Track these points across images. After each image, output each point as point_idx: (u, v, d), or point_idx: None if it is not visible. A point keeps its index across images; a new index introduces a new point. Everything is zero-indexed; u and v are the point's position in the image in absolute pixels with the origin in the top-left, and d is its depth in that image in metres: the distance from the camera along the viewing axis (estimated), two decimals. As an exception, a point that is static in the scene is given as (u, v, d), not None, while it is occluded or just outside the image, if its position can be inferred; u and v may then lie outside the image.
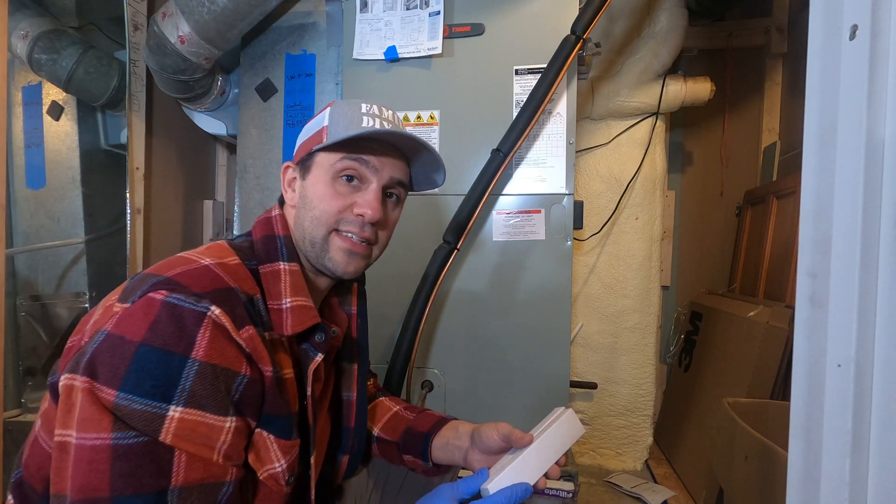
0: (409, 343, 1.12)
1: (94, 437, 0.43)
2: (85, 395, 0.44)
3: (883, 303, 0.44)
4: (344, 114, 0.62)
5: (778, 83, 1.96)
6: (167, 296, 0.47)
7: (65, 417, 0.45)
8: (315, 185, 0.62)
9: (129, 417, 0.43)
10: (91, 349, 0.45)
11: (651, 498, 1.49)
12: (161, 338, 0.45)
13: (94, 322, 0.50)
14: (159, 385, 0.44)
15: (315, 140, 0.63)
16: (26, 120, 1.66)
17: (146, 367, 0.44)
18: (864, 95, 0.44)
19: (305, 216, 0.62)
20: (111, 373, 0.44)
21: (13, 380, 1.61)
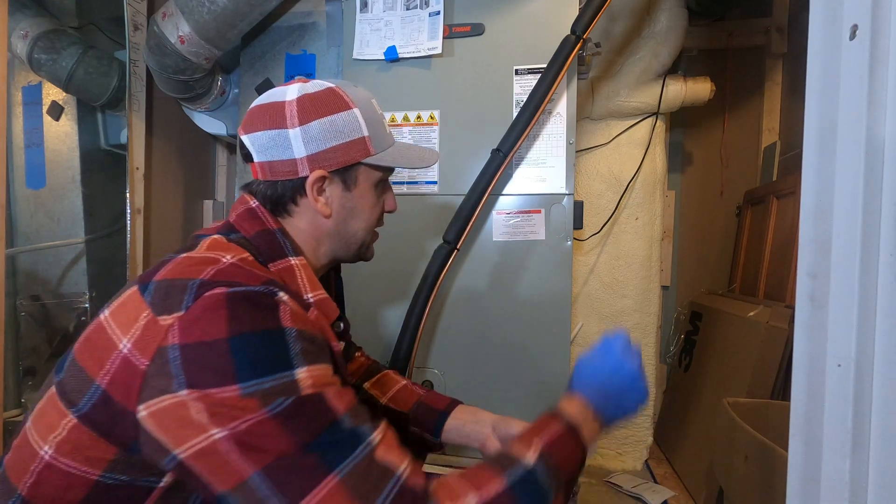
0: (409, 343, 1.12)
1: (246, 419, 0.44)
2: (204, 402, 0.44)
3: (883, 303, 0.44)
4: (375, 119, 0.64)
5: (778, 83, 1.96)
6: (228, 290, 0.47)
7: (186, 430, 0.44)
8: (364, 197, 0.66)
9: (266, 395, 0.44)
10: (176, 365, 0.44)
11: (651, 498, 1.49)
12: (245, 324, 0.46)
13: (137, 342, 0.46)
14: (276, 359, 0.46)
15: (358, 150, 0.62)
16: (26, 120, 1.66)
17: (250, 352, 0.45)
18: (864, 95, 0.44)
19: (358, 226, 0.67)
20: (219, 375, 0.44)
21: (13, 380, 1.60)
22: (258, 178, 0.62)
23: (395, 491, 0.45)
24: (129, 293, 0.51)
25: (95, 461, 0.47)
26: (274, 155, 0.60)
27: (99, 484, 0.47)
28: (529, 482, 0.50)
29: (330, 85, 0.62)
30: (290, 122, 0.59)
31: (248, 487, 0.44)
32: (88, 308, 1.63)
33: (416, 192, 1.22)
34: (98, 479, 0.47)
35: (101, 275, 1.67)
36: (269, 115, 0.59)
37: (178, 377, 0.44)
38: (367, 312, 1.22)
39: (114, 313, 0.50)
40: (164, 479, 0.48)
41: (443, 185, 1.21)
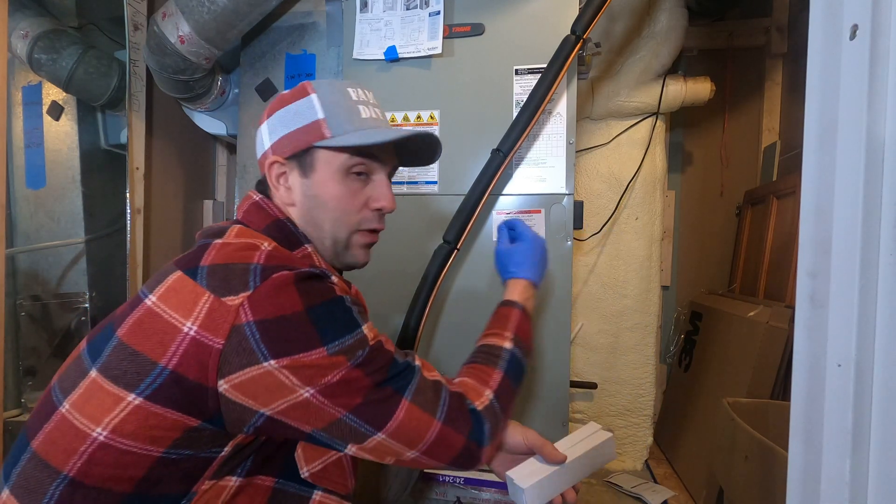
0: (409, 343, 1.12)
1: (335, 373, 0.52)
2: (294, 366, 0.50)
3: (883, 303, 0.44)
4: (339, 102, 0.62)
5: (778, 83, 1.96)
6: (295, 272, 0.52)
7: (274, 393, 0.50)
8: (325, 185, 0.63)
9: (348, 350, 0.53)
10: (256, 340, 0.49)
11: (651, 498, 1.49)
12: (316, 297, 0.53)
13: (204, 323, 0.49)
14: (347, 322, 0.54)
15: (311, 134, 0.61)
16: (26, 120, 1.66)
17: (328, 318, 0.52)
18: (864, 95, 0.44)
19: (324, 217, 0.64)
20: (304, 341, 0.51)
21: (13, 380, 1.60)
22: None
23: (446, 398, 0.58)
24: (175, 278, 0.53)
25: (160, 439, 0.49)
26: (258, 151, 0.66)
27: (162, 459, 0.50)
28: (513, 363, 0.68)
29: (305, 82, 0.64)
30: (264, 117, 0.65)
31: (341, 424, 0.53)
32: (88, 308, 1.63)
33: (416, 192, 1.22)
34: (161, 455, 0.50)
35: (101, 275, 1.67)
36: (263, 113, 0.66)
37: (261, 350, 0.49)
38: (368, 312, 1.22)
39: (164, 298, 0.52)
40: (224, 449, 0.52)
41: (443, 185, 1.21)
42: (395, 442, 0.55)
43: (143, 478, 0.49)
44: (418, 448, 0.56)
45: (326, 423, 0.52)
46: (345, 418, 0.52)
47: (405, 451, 0.56)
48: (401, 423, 0.54)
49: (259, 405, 0.50)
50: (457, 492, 1.14)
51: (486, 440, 0.60)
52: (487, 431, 0.60)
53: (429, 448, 0.56)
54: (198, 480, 0.52)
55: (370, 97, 0.66)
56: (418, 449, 0.56)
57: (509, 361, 0.67)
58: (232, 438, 0.52)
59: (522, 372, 0.69)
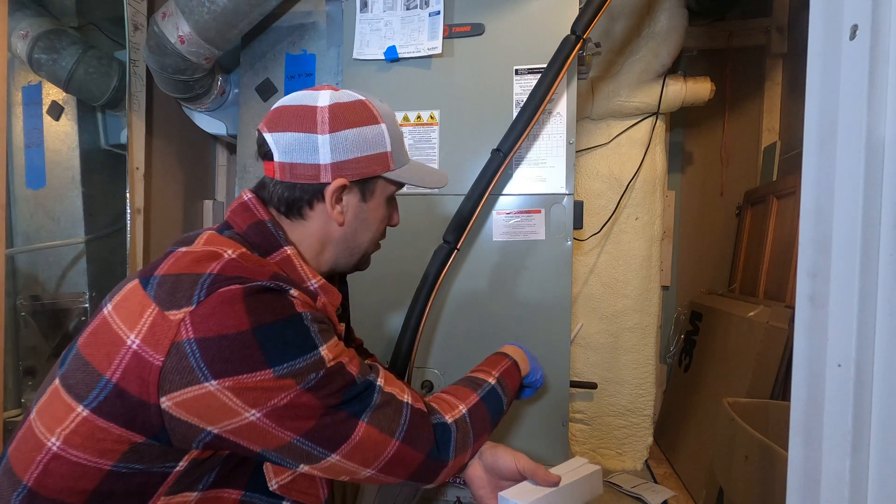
0: (409, 343, 1.12)
1: (283, 396, 0.49)
2: (237, 387, 0.48)
3: (883, 303, 0.44)
4: (396, 137, 0.66)
5: (778, 83, 1.96)
6: (244, 286, 0.50)
7: (218, 413, 0.48)
8: (376, 210, 0.67)
9: (299, 374, 0.50)
10: (196, 358, 0.47)
11: (651, 498, 1.49)
12: (266, 314, 0.50)
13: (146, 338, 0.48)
14: (301, 343, 0.51)
15: (380, 163, 0.63)
16: (26, 120, 1.66)
17: (277, 339, 0.50)
18: (864, 95, 0.44)
19: (366, 237, 0.68)
20: (249, 363, 0.48)
21: (13, 380, 1.60)
22: (274, 177, 0.61)
23: (407, 416, 0.58)
24: (130, 287, 0.52)
25: (108, 452, 0.48)
26: (298, 157, 0.59)
27: (112, 473, 0.48)
28: (493, 395, 0.70)
29: (361, 97, 0.63)
30: (320, 127, 0.59)
31: (291, 446, 0.51)
32: (88, 308, 1.63)
33: (417, 192, 1.22)
34: (111, 469, 0.48)
35: (101, 275, 1.67)
36: (300, 117, 0.59)
37: (202, 369, 0.47)
38: (368, 312, 1.22)
39: (117, 307, 0.51)
40: (179, 464, 0.50)
41: (443, 185, 1.21)
42: (350, 462, 0.55)
43: (94, 490, 0.48)
44: (373, 467, 0.56)
45: (275, 445, 0.51)
46: (295, 441, 0.51)
47: (361, 470, 0.56)
48: (356, 444, 0.54)
49: (205, 424, 0.49)
50: (457, 492, 1.14)
51: (450, 454, 0.60)
52: (452, 445, 0.61)
53: (384, 466, 0.57)
54: (151, 497, 0.50)
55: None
56: (373, 468, 0.56)
57: (489, 392, 0.70)
58: (185, 453, 0.50)
59: (500, 408, 0.71)
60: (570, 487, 0.64)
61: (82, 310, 1.63)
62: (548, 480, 0.63)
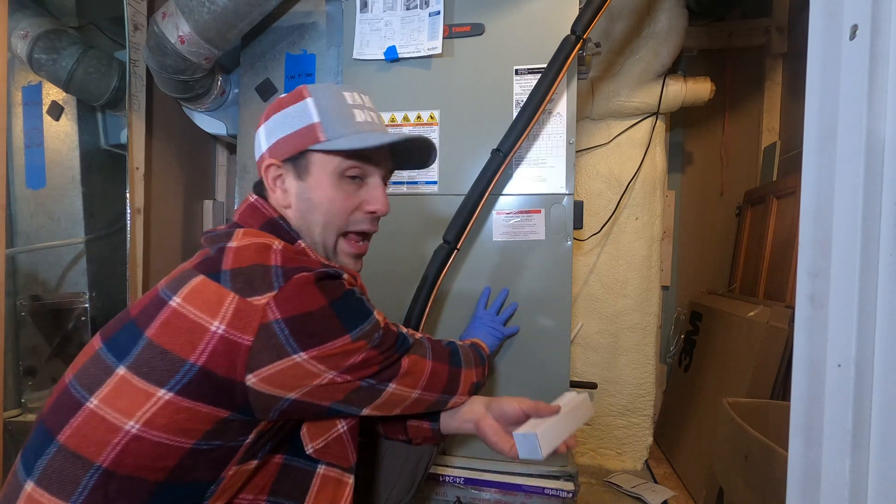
0: (409, 343, 1.12)
1: (359, 355, 0.59)
2: (323, 355, 0.56)
3: (883, 303, 0.44)
4: (333, 106, 0.63)
5: (778, 83, 1.96)
6: (315, 272, 0.57)
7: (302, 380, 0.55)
8: (319, 188, 0.64)
9: (367, 334, 0.59)
10: (285, 335, 0.54)
11: (651, 498, 1.49)
12: (335, 292, 0.58)
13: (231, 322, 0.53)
14: (363, 310, 0.60)
15: (307, 137, 0.62)
16: (26, 120, 1.66)
17: (348, 309, 0.58)
18: (864, 95, 0.44)
19: (315, 219, 0.66)
20: (330, 332, 0.56)
21: (13, 380, 1.60)
22: None
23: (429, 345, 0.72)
24: (198, 281, 0.56)
25: (191, 431, 0.53)
26: (256, 153, 0.68)
27: (193, 450, 0.53)
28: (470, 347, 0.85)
29: (302, 86, 0.66)
30: (262, 120, 0.66)
31: (360, 390, 0.60)
32: (88, 308, 1.63)
33: (416, 192, 1.22)
34: (192, 447, 0.53)
35: (101, 275, 1.67)
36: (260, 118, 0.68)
37: (291, 344, 0.54)
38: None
39: (188, 299, 0.55)
40: (249, 437, 0.56)
41: (443, 185, 1.21)
42: (403, 388, 0.65)
43: (175, 466, 0.53)
44: (419, 387, 0.67)
45: (346, 393, 0.59)
46: (364, 384, 0.60)
47: (411, 392, 0.66)
48: (406, 372, 0.64)
49: (286, 392, 0.55)
50: (457, 492, 1.14)
51: (461, 362, 0.76)
52: (461, 355, 0.77)
53: (426, 384, 0.68)
54: (225, 467, 0.56)
55: (366, 101, 0.68)
56: (419, 388, 0.67)
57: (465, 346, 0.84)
58: (256, 426, 0.56)
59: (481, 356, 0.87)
60: (569, 413, 0.74)
61: (82, 310, 1.63)
62: (550, 410, 0.72)
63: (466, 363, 0.78)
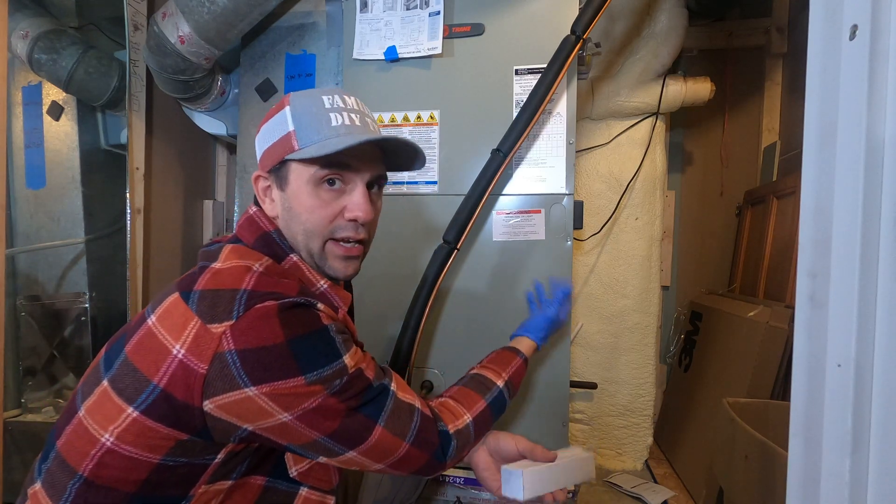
0: (409, 343, 1.12)
1: (311, 401, 0.54)
2: (274, 392, 0.52)
3: (883, 303, 0.44)
4: (308, 112, 0.61)
5: (778, 83, 1.96)
6: (279, 303, 0.54)
7: (256, 415, 0.53)
8: (298, 197, 0.62)
9: (325, 380, 0.55)
10: (237, 368, 0.52)
11: (651, 498, 1.49)
12: (298, 328, 0.54)
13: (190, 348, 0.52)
14: (327, 353, 0.56)
15: (284, 147, 0.61)
16: (26, 120, 1.66)
17: (308, 350, 0.54)
18: (864, 95, 0.44)
19: (297, 228, 0.63)
20: (284, 371, 0.53)
21: (13, 380, 1.60)
22: None
23: (418, 422, 0.62)
24: (172, 300, 0.56)
25: (157, 448, 0.53)
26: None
27: (160, 465, 0.53)
28: (499, 399, 0.75)
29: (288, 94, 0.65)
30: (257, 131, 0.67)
31: (316, 444, 0.56)
32: (88, 308, 1.63)
33: (416, 193, 1.22)
34: (160, 462, 0.53)
35: (101, 275, 1.66)
36: None
37: (242, 377, 0.52)
38: (368, 313, 1.22)
39: (160, 319, 0.56)
40: (218, 456, 0.55)
41: (443, 185, 1.21)
42: (365, 458, 0.60)
43: (145, 480, 0.53)
44: (384, 462, 0.61)
45: (302, 442, 0.56)
46: (320, 440, 0.56)
47: (373, 464, 0.61)
48: (372, 445, 0.59)
49: (243, 422, 0.54)
50: (457, 492, 1.14)
51: (450, 457, 0.66)
52: (452, 450, 0.66)
53: (394, 463, 0.62)
54: (194, 485, 0.55)
55: (349, 103, 0.64)
56: (384, 463, 0.61)
57: (496, 397, 0.75)
58: (223, 447, 0.55)
59: (503, 408, 0.77)
60: (563, 465, 0.70)
61: (82, 310, 1.63)
62: (545, 457, 0.69)
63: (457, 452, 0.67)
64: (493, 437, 0.73)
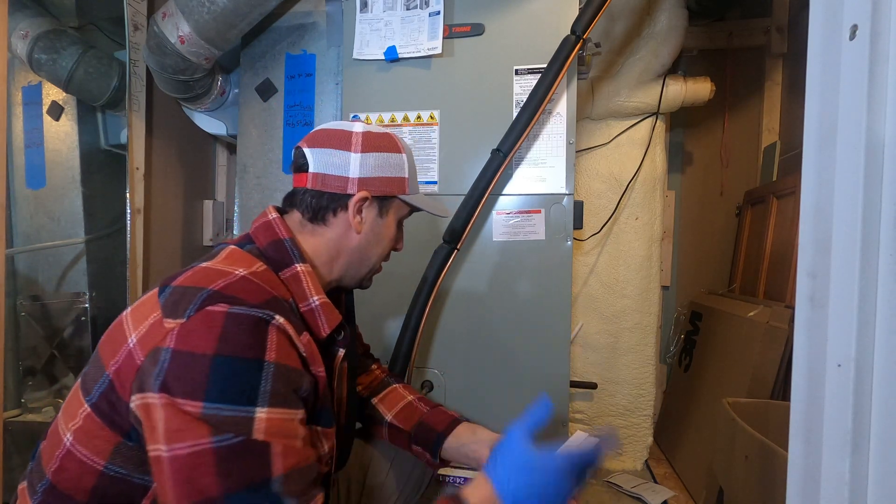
0: (409, 343, 1.12)
1: (190, 444, 0.45)
2: (167, 411, 0.46)
3: (883, 303, 0.44)
4: (412, 168, 0.74)
5: (778, 83, 1.96)
6: (230, 308, 0.50)
7: (151, 434, 0.47)
8: (389, 227, 0.74)
9: (220, 423, 0.46)
10: (162, 367, 0.47)
11: (651, 498, 1.49)
12: (233, 346, 0.48)
13: (142, 339, 0.50)
14: (244, 391, 0.48)
15: (398, 186, 0.71)
16: (26, 120, 1.66)
17: (226, 376, 0.47)
18: (864, 95, 0.44)
19: (376, 252, 0.73)
20: (191, 387, 0.46)
21: (13, 380, 1.60)
22: (307, 186, 0.67)
23: None
24: (151, 293, 0.56)
25: (101, 450, 0.51)
26: (331, 170, 0.67)
27: (104, 475, 0.51)
28: None
29: (388, 132, 0.73)
30: (354, 147, 0.68)
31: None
32: (88, 308, 1.63)
33: (416, 192, 1.22)
34: (103, 470, 0.51)
35: (101, 275, 1.66)
36: (337, 138, 0.68)
37: (159, 378, 0.47)
38: (368, 313, 1.22)
39: (134, 310, 0.55)
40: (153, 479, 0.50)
41: (443, 185, 1.21)
42: None
43: (93, 488, 0.51)
44: None
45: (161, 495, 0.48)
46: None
47: None
48: None
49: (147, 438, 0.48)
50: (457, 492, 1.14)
51: None
52: None
53: None
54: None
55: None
56: None
57: None
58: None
59: None
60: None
61: (82, 310, 1.63)
62: None
63: None
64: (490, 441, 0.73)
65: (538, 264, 1.17)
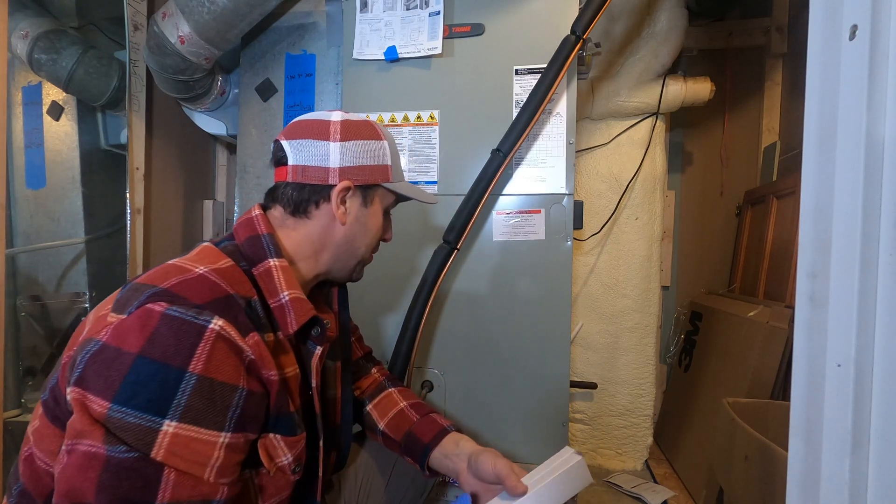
0: (409, 343, 1.12)
1: (88, 443, 0.43)
2: (78, 403, 0.45)
3: (883, 303, 0.44)
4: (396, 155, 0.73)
5: (778, 83, 1.96)
6: (167, 308, 0.47)
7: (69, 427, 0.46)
8: (375, 216, 0.72)
9: (121, 430, 0.43)
10: (83, 358, 0.45)
11: (651, 498, 1.49)
12: (159, 350, 0.45)
13: (87, 332, 0.49)
14: (155, 399, 0.44)
15: (381, 173, 0.70)
16: (26, 120, 1.66)
17: (142, 379, 0.44)
18: (864, 95, 0.44)
19: (364, 241, 0.72)
20: (104, 384, 0.44)
21: (13, 380, 1.60)
22: (287, 180, 0.66)
23: None
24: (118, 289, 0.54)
25: (51, 453, 0.49)
26: (311, 161, 0.65)
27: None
28: None
29: (368, 119, 0.71)
30: (332, 136, 0.66)
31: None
32: (88, 308, 1.63)
33: (416, 192, 1.22)
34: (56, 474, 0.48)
35: (101, 275, 1.67)
36: (315, 128, 0.66)
37: (78, 369, 0.46)
38: (368, 313, 1.22)
39: (98, 307, 0.54)
40: None
41: (443, 185, 1.21)
42: None
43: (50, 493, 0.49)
44: None
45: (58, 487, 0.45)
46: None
47: None
48: None
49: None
50: (457, 492, 1.14)
51: None
52: None
53: None
54: None
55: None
56: None
57: None
58: None
59: None
60: (545, 490, 0.62)
61: (82, 310, 1.63)
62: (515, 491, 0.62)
63: None
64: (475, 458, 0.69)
65: (538, 264, 1.17)
